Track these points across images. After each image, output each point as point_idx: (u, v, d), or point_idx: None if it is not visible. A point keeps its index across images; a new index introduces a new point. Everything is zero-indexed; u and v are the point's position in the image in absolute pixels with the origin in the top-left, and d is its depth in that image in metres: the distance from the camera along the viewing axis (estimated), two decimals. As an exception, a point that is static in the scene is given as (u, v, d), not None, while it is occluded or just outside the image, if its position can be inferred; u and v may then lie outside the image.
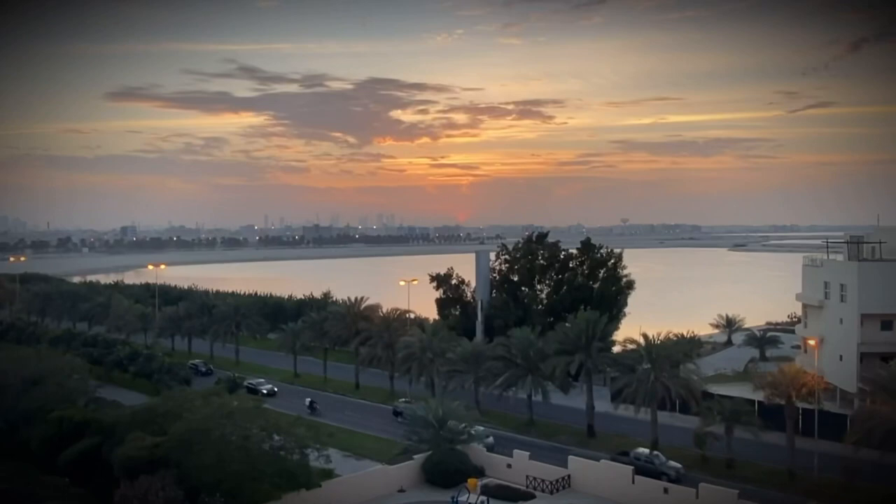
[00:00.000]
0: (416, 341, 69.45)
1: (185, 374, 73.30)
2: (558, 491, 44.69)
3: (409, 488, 45.34)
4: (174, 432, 37.57)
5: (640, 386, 54.79)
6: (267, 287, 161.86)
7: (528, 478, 45.17)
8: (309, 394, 75.61)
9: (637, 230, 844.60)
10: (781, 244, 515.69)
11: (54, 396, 49.81)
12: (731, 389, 64.19)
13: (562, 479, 45.18)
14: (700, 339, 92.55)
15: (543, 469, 45.81)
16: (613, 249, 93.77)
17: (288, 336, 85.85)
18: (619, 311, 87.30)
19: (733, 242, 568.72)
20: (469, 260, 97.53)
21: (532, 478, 45.03)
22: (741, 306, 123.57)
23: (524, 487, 44.69)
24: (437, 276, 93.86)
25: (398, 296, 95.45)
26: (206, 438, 36.51)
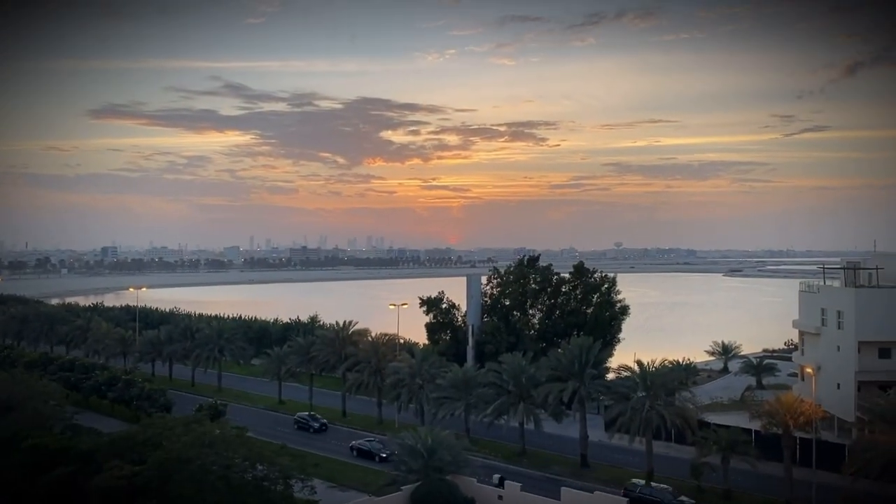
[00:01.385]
0: (405, 367, 69.20)
1: (164, 401, 72.60)
2: (551, 523, 44.30)
3: (396, 520, 44.82)
4: (154, 461, 37.14)
5: (635, 414, 54.72)
6: (252, 310, 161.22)
7: (519, 509, 44.79)
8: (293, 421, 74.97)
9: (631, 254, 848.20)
10: (777, 269, 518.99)
11: (29, 423, 49.18)
12: (727, 418, 64.16)
13: (554, 511, 44.78)
14: (696, 367, 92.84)
15: (536, 501, 45.45)
16: (607, 274, 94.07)
17: (273, 361, 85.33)
18: (612, 338, 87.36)
19: (729, 267, 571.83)
20: (460, 283, 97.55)
21: (524, 509, 44.65)
22: (737, 333, 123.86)
23: (516, 519, 44.28)
24: (427, 300, 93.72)
25: (387, 320, 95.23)
26: (186, 468, 36.09)
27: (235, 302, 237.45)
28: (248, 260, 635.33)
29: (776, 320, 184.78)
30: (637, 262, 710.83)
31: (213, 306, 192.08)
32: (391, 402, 71.04)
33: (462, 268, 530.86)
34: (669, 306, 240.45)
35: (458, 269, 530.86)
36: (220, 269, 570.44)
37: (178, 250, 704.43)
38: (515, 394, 62.37)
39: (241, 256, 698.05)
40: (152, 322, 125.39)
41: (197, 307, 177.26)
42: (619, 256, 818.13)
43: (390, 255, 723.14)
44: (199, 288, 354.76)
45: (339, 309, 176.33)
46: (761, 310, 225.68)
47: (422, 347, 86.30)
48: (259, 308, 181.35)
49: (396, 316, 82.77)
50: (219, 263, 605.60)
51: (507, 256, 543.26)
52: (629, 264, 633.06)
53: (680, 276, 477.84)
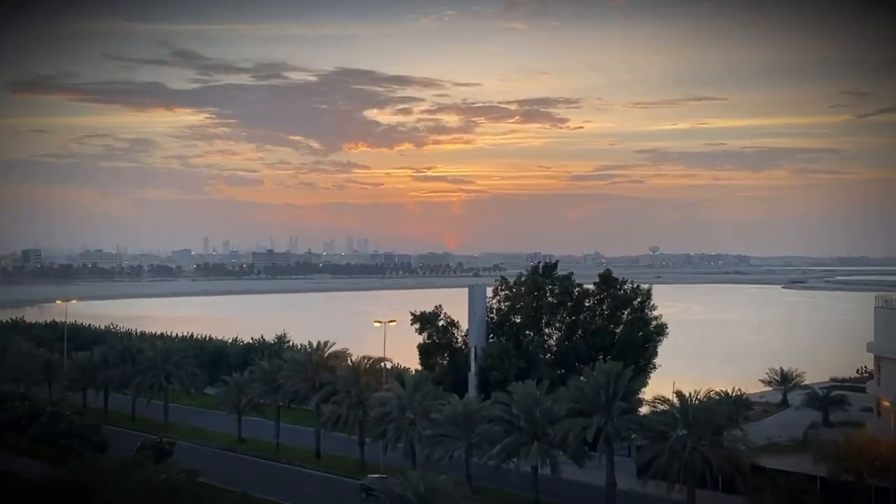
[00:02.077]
0: (393, 398, 69.19)
1: (98, 438, 72.56)
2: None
3: (381, 585, 44.85)
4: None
5: (674, 457, 54.73)
6: (206, 328, 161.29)
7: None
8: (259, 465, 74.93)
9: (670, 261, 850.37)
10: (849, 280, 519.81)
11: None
12: (787, 462, 64.20)
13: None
14: (748, 399, 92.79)
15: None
16: (640, 285, 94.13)
17: (231, 390, 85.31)
18: (647, 363, 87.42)
19: (789, 278, 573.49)
20: (460, 296, 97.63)
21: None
22: (799, 358, 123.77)
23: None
24: (420, 316, 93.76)
25: (371, 340, 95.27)
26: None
27: (186, 318, 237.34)
28: (202, 266, 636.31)
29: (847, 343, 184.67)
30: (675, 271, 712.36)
31: (159, 323, 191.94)
32: (376, 440, 70.95)
33: (463, 277, 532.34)
34: (716, 325, 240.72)
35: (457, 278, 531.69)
36: (167, 276, 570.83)
37: (115, 254, 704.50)
38: (528, 431, 62.29)
39: (192, 262, 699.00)
40: (84, 342, 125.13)
41: (139, 324, 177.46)
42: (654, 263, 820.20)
43: (375, 260, 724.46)
44: (141, 300, 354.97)
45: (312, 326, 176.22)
46: (829, 330, 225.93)
47: (413, 374, 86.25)
48: (215, 325, 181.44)
49: (383, 335, 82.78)
50: (166, 270, 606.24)
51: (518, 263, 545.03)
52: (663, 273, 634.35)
53: (729, 288, 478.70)
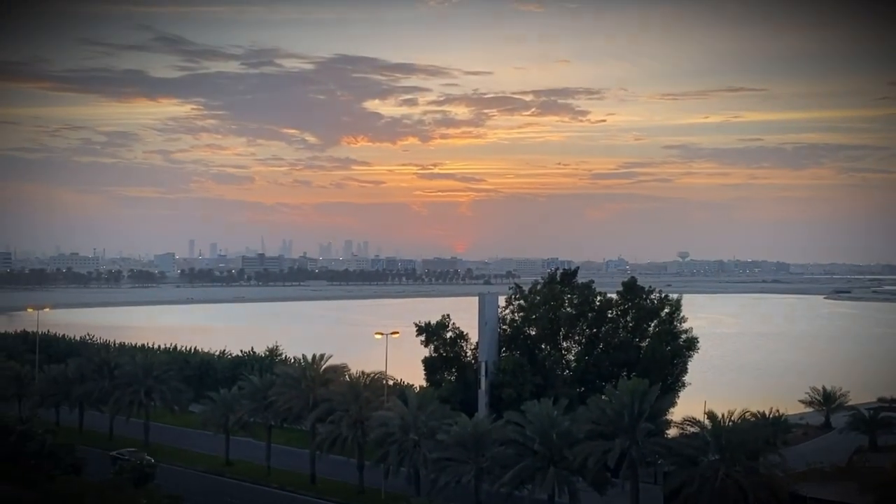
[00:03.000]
0: (396, 417, 69.23)
1: (73, 459, 72.66)
2: None
3: None
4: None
5: (705, 485, 54.62)
6: (191, 340, 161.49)
7: None
8: (247, 490, 74.94)
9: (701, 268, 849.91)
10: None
11: None
12: (830, 491, 64.07)
13: None
14: (787, 421, 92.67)
15: None
16: (668, 294, 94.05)
17: (218, 408, 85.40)
18: (675, 380, 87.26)
19: (833, 287, 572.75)
20: (470, 305, 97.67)
21: None
22: (844, 376, 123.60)
23: None
24: (425, 328, 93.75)
25: (372, 354, 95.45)
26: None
27: (169, 328, 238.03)
28: (187, 271, 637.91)
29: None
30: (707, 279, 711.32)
31: (140, 333, 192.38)
32: (376, 464, 70.99)
33: (472, 284, 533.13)
34: (752, 338, 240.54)
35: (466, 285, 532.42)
36: (148, 283, 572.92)
37: (92, 258, 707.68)
38: (543, 455, 62.22)
39: (176, 267, 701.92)
40: (58, 354, 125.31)
41: (117, 334, 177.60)
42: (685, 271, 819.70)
43: (376, 266, 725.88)
44: (120, 308, 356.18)
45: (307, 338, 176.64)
46: (876, 345, 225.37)
47: (418, 391, 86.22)
48: (200, 336, 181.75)
49: (384, 348, 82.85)
50: (147, 276, 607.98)
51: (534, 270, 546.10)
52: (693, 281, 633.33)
53: (767, 298, 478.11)
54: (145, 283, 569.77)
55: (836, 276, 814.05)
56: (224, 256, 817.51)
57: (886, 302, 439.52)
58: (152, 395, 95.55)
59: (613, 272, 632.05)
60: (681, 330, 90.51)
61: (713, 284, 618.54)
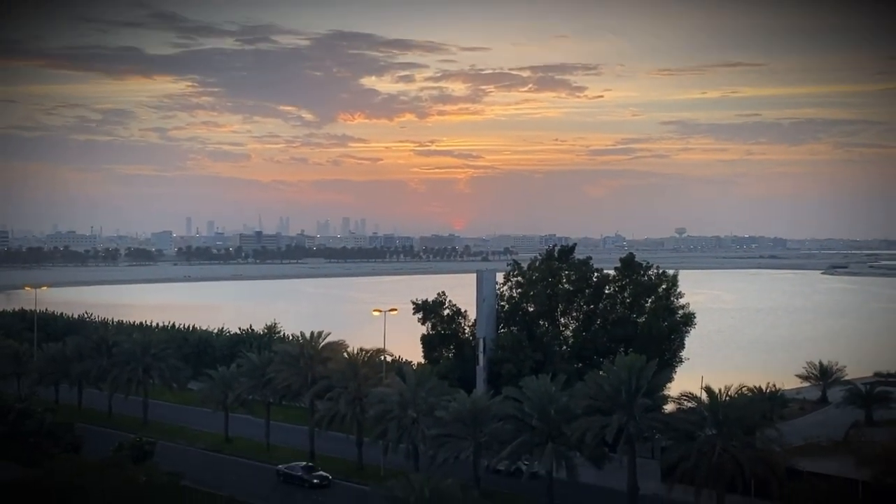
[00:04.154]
0: (394, 394, 69.39)
1: (72, 437, 72.90)
2: None
3: None
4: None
5: (703, 459, 54.82)
6: (189, 317, 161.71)
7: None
8: (245, 466, 75.21)
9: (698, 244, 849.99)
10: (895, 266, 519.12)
11: None
12: (826, 465, 64.36)
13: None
14: (784, 396, 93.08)
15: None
16: (665, 270, 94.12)
17: (216, 386, 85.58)
18: (672, 356, 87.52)
19: (829, 263, 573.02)
20: (468, 282, 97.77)
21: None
22: (840, 351, 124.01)
23: None
24: (423, 305, 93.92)
25: (370, 331, 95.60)
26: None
27: (167, 305, 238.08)
28: (184, 249, 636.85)
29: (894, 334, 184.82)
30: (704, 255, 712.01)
31: (138, 311, 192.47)
32: (375, 440, 71.22)
33: (470, 261, 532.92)
34: (749, 314, 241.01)
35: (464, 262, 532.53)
36: (146, 261, 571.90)
37: (90, 236, 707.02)
38: (541, 430, 62.42)
39: (174, 244, 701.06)
40: (56, 332, 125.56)
41: (115, 312, 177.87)
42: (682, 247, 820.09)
43: (374, 243, 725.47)
44: (118, 287, 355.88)
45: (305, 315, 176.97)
46: (873, 320, 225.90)
47: (416, 367, 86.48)
48: (199, 314, 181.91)
49: (382, 325, 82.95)
50: (145, 254, 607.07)
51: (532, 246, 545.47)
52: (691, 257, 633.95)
53: (764, 274, 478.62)
54: (142, 261, 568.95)
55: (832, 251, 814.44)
56: (221, 234, 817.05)
57: (883, 277, 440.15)
58: (151, 372, 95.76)
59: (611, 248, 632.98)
60: (678, 306, 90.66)
61: (710, 260, 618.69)
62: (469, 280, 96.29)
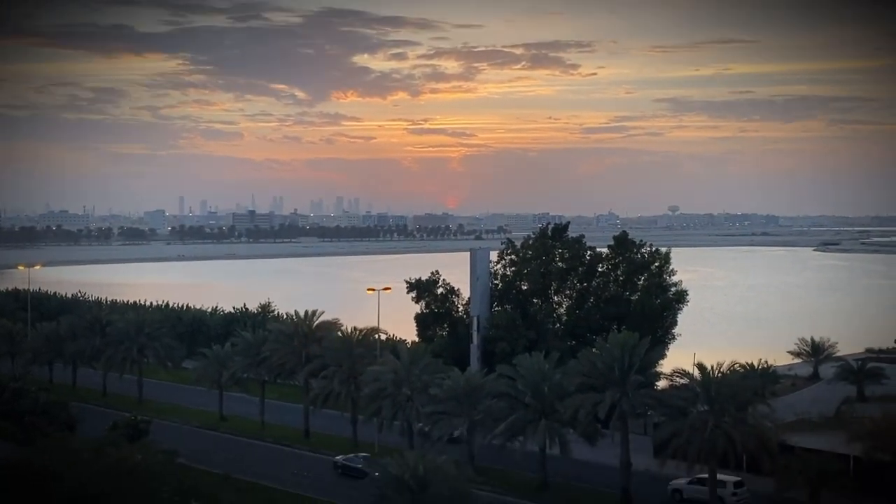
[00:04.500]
0: (389, 372, 69.55)
1: (67, 416, 72.98)
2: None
3: (377, 574, 45.47)
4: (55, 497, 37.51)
5: (695, 435, 55.11)
6: (182, 296, 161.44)
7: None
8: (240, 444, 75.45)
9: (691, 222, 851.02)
10: (887, 242, 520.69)
11: None
12: (817, 440, 64.76)
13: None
14: (776, 372, 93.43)
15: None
16: (658, 248, 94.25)
17: (211, 364, 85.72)
18: (665, 333, 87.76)
19: (821, 240, 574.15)
20: (461, 261, 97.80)
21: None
22: (832, 327, 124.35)
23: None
24: (416, 283, 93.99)
25: (364, 309, 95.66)
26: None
27: (160, 285, 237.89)
28: (177, 229, 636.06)
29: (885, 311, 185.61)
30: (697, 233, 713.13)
31: (131, 290, 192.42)
32: (369, 418, 71.48)
33: (464, 240, 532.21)
34: (741, 291, 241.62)
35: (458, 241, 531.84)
36: (139, 240, 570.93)
37: (82, 215, 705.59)
38: (535, 408, 62.74)
39: (167, 224, 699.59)
40: (49, 311, 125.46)
41: (109, 292, 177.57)
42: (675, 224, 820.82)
43: (368, 222, 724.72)
44: (111, 266, 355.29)
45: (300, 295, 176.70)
46: (864, 296, 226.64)
47: (410, 346, 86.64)
48: (192, 293, 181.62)
49: (376, 304, 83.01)
50: (138, 233, 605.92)
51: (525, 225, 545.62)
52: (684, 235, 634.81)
53: (756, 251, 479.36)
54: (136, 240, 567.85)
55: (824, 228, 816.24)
56: (214, 213, 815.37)
57: (875, 253, 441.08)
58: (145, 351, 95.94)
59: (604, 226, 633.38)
60: (670, 283, 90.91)
61: (703, 237, 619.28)
62: (463, 259, 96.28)
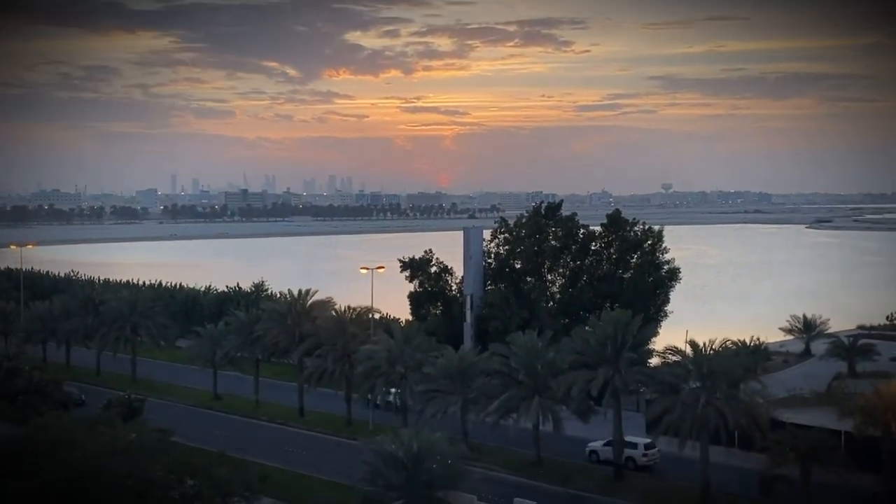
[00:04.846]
0: (382, 350, 69.75)
1: (61, 395, 73.15)
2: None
3: (371, 550, 45.71)
4: (50, 475, 37.61)
5: (687, 412, 55.43)
6: (176, 275, 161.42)
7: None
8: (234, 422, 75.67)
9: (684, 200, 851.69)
10: (879, 219, 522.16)
11: None
12: (809, 417, 65.17)
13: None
14: (768, 349, 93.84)
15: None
16: (651, 226, 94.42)
17: (205, 343, 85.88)
18: (657, 311, 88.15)
19: (814, 217, 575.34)
20: (455, 239, 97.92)
21: (539, 536, 45.61)
22: (824, 304, 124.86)
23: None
24: (410, 262, 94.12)
25: (358, 288, 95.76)
26: (93, 483, 36.64)
27: (153, 264, 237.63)
28: (169, 208, 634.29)
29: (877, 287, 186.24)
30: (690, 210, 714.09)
31: (124, 270, 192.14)
32: (363, 396, 71.71)
33: (457, 218, 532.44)
34: (734, 268, 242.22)
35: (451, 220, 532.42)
36: (131, 219, 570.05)
37: (74, 194, 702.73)
38: (528, 385, 62.99)
39: (159, 203, 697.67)
40: (42, 291, 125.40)
41: (101, 271, 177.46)
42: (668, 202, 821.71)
43: (361, 201, 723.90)
44: (103, 245, 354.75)
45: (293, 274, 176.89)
46: (856, 273, 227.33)
47: (404, 325, 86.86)
48: (185, 272, 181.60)
49: (370, 283, 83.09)
50: (130, 212, 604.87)
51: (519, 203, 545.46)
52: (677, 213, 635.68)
53: (749, 229, 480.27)
54: (128, 219, 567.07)
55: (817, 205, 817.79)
56: (206, 192, 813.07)
57: (867, 231, 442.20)
58: (138, 330, 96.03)
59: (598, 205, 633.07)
60: (663, 261, 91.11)
61: (696, 215, 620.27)
62: (456, 237, 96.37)
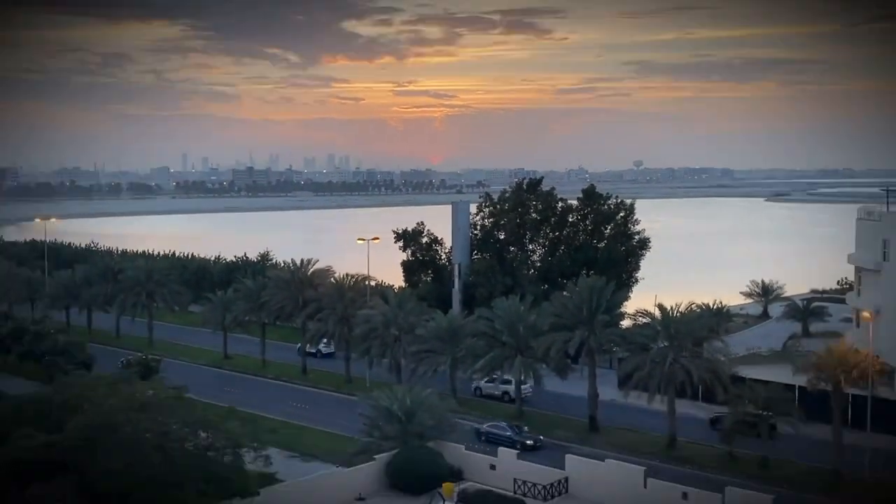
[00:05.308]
0: (378, 314, 69.98)
1: (83, 356, 73.17)
2: (553, 497, 45.71)
3: (369, 495, 46.04)
4: (73, 428, 37.61)
5: (655, 368, 55.90)
6: (188, 246, 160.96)
7: (516, 481, 46.08)
8: (243, 381, 75.83)
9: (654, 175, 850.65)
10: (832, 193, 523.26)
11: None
12: (766, 372, 65.63)
13: (557, 483, 46.16)
14: (729, 311, 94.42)
15: (535, 471, 46.73)
16: (624, 200, 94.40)
17: (215, 308, 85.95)
18: (629, 277, 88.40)
19: (773, 191, 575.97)
20: (444, 213, 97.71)
21: (521, 481, 45.95)
22: (780, 270, 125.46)
23: (511, 493, 45.62)
24: (403, 234, 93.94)
25: (355, 258, 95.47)
26: (113, 436, 36.65)
27: (167, 236, 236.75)
28: (181, 184, 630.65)
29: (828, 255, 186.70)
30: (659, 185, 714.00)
31: (140, 241, 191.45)
32: (361, 356, 71.96)
33: (446, 193, 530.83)
34: (699, 238, 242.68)
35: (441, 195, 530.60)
36: (146, 194, 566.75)
37: (93, 172, 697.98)
38: (511, 345, 63.35)
39: (171, 179, 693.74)
40: (64, 260, 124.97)
41: (119, 242, 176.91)
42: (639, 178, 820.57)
43: (357, 178, 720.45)
44: (121, 218, 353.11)
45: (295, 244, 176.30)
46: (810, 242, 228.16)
47: (397, 291, 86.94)
48: (197, 244, 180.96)
49: (366, 252, 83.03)
50: (145, 188, 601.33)
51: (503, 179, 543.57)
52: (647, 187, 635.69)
53: (713, 202, 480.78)
54: (143, 194, 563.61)
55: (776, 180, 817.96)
56: (215, 170, 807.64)
57: (821, 203, 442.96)
58: (154, 296, 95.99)
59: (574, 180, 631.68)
60: (634, 232, 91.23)
61: (665, 190, 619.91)
62: (445, 211, 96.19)
